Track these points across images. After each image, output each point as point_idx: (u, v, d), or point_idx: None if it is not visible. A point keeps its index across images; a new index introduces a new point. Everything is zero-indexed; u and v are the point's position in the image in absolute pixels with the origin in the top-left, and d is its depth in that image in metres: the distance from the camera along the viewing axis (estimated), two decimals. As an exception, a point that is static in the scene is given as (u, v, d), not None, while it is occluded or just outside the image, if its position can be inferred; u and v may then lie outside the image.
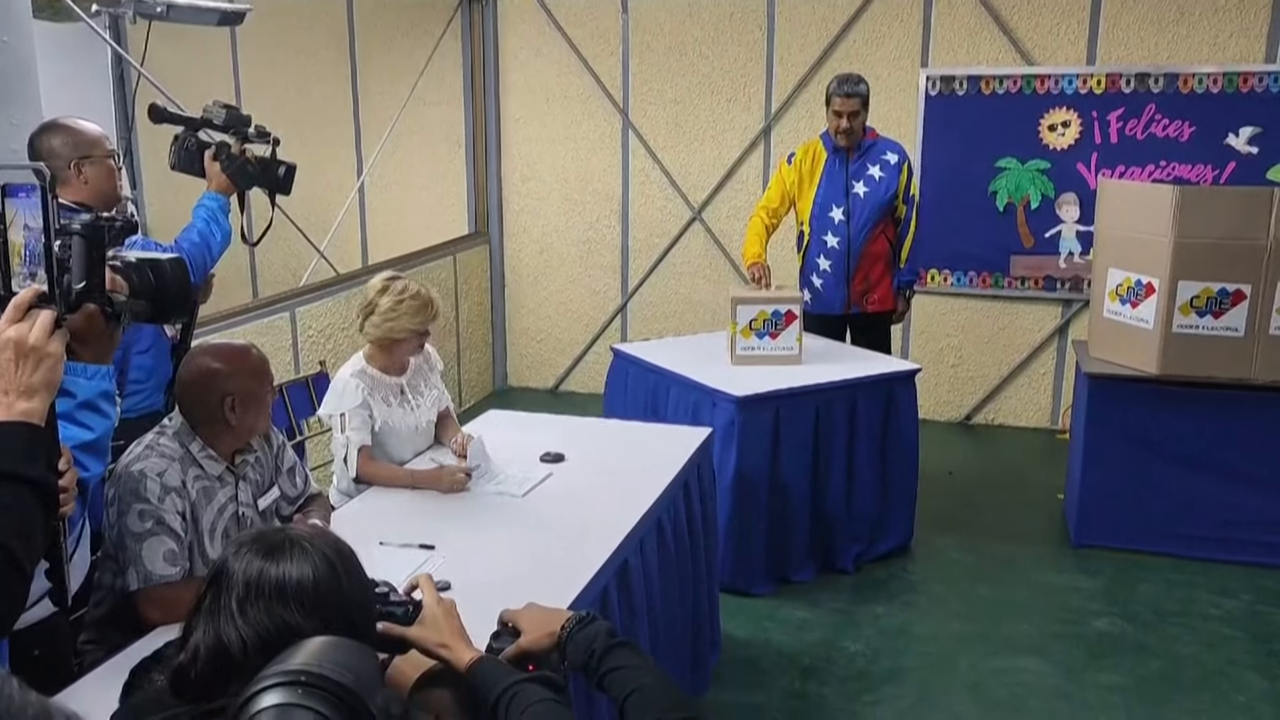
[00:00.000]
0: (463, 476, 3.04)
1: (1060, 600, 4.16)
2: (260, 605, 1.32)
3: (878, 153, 4.84)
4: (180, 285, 1.92)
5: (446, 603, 1.68)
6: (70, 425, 1.66)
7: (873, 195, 4.81)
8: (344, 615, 1.36)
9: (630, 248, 6.60)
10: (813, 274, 4.94)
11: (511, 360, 6.99)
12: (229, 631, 1.31)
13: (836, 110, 4.72)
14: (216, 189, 3.00)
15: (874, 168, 4.82)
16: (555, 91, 6.49)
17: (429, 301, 3.18)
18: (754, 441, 4.04)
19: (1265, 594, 4.16)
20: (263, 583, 1.34)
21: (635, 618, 2.81)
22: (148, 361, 3.04)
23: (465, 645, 1.62)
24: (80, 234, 1.51)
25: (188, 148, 3.00)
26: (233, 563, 1.37)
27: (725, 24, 6.12)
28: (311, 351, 4.99)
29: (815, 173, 4.85)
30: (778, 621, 3.99)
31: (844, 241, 4.82)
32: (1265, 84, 5.40)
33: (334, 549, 1.41)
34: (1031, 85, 5.70)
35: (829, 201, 4.83)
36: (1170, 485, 4.42)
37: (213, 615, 1.34)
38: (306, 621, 1.32)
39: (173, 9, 3.66)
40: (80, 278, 1.52)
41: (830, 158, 4.84)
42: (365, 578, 1.46)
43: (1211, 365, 4.28)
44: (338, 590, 1.38)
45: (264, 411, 2.50)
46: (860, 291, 4.89)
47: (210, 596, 1.36)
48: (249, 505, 2.51)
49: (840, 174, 4.83)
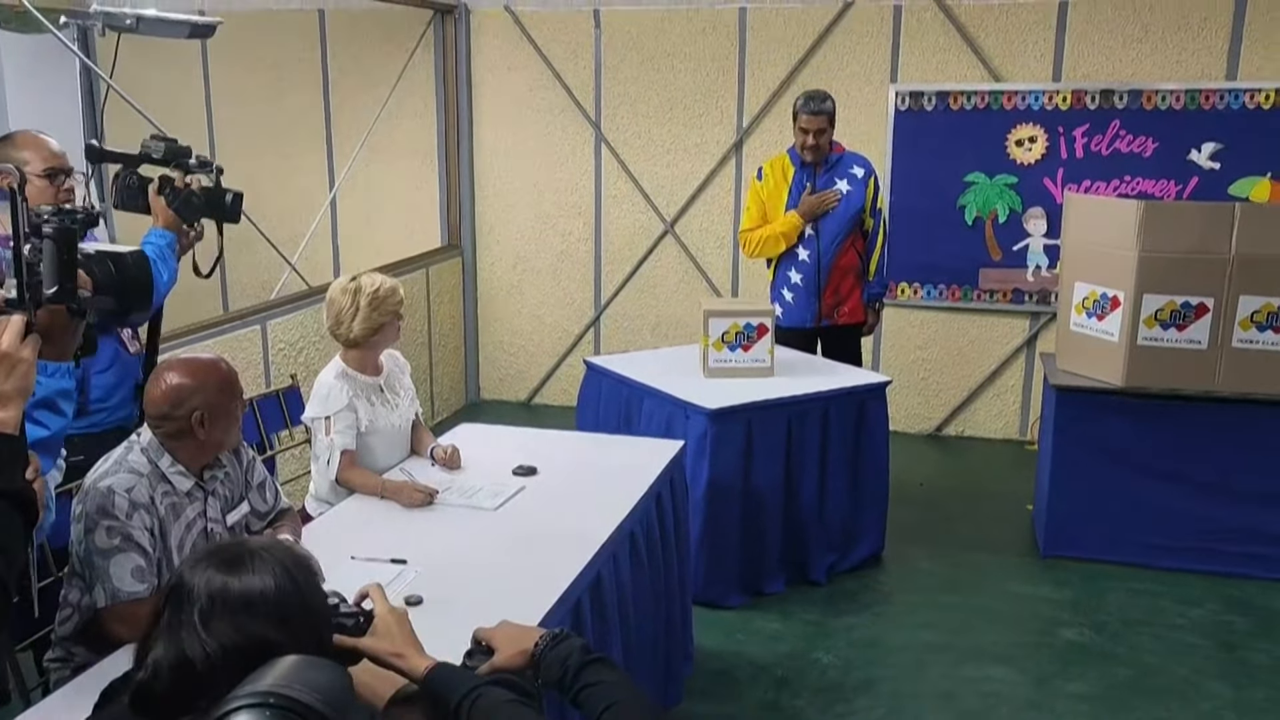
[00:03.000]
0: (422, 496, 3.04)
1: (1029, 610, 4.20)
2: (225, 618, 1.31)
3: (844, 167, 4.88)
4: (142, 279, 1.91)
5: (398, 611, 1.68)
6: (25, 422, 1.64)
7: (841, 209, 4.84)
8: (308, 625, 1.36)
9: (603, 260, 6.62)
10: (783, 288, 4.97)
11: (484, 373, 6.98)
12: (193, 646, 1.30)
13: (803, 127, 4.76)
14: (164, 225, 2.90)
15: (841, 181, 4.86)
16: (528, 104, 6.50)
17: (396, 285, 3.31)
18: (726, 454, 4.06)
19: (1230, 603, 4.22)
20: (227, 595, 1.33)
21: (608, 630, 2.82)
22: (109, 379, 2.99)
23: (419, 653, 1.62)
24: (51, 237, 1.50)
25: (129, 184, 2.90)
26: (191, 577, 1.35)
27: (697, 39, 6.16)
28: (282, 365, 4.97)
29: (784, 187, 4.88)
30: (750, 633, 4.00)
31: (814, 255, 4.86)
32: (1226, 101, 5.49)
33: (291, 558, 1.41)
34: (999, 101, 5.77)
35: None
36: (1137, 496, 4.47)
37: (173, 631, 1.32)
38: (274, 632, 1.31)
39: (142, 21, 3.64)
40: (52, 282, 1.50)
41: (798, 172, 4.88)
42: (321, 588, 1.46)
43: (1176, 377, 4.34)
44: (300, 599, 1.37)
45: (233, 426, 2.49)
46: (831, 304, 4.92)
47: (169, 612, 1.34)
48: (218, 521, 2.50)
49: (807, 189, 4.87)
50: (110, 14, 3.53)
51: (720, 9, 6.09)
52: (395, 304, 3.26)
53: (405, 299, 3.37)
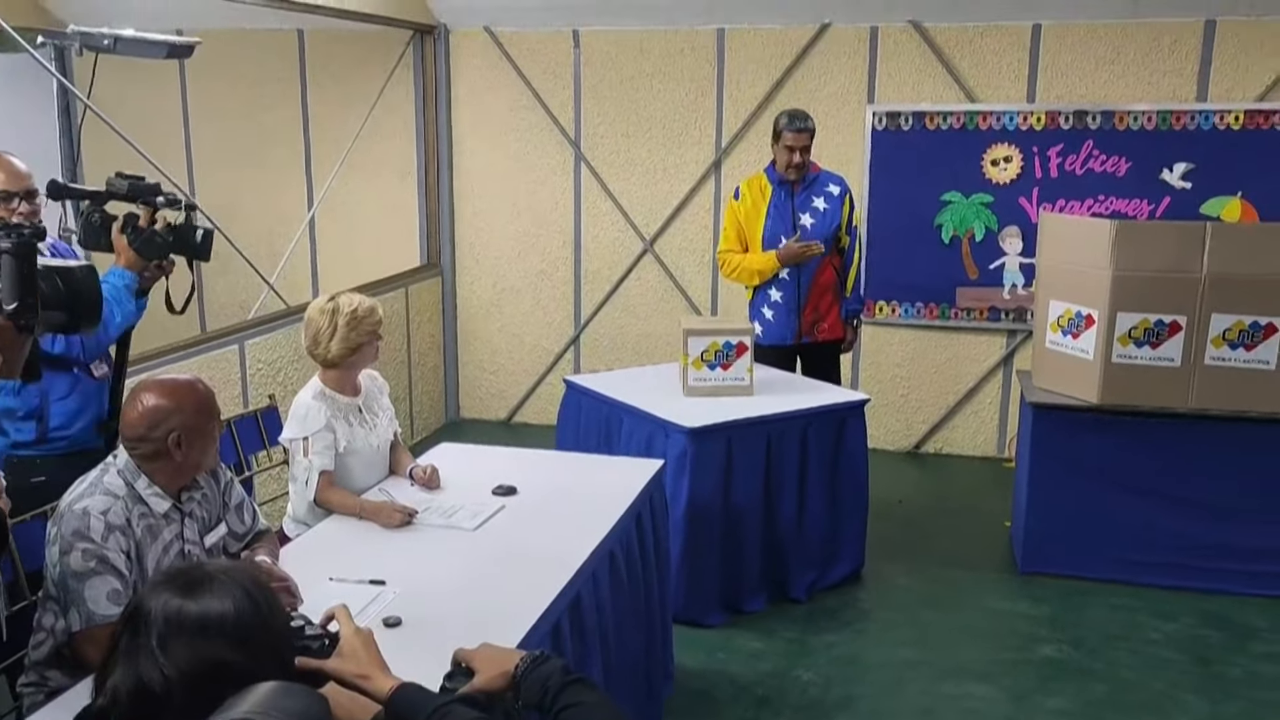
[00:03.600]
0: (402, 516, 3.03)
1: (1008, 626, 4.22)
2: (183, 642, 1.30)
3: (821, 185, 4.92)
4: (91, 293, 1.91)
5: (364, 633, 1.68)
6: None
7: (819, 226, 4.87)
8: (268, 647, 1.35)
9: (583, 279, 6.63)
10: (763, 306, 4.98)
11: (464, 392, 6.97)
12: (150, 671, 1.29)
13: (788, 145, 4.78)
14: (125, 264, 2.85)
15: (818, 199, 4.89)
16: (507, 124, 6.52)
17: (375, 305, 3.29)
18: (706, 472, 4.06)
19: (1206, 618, 4.25)
20: (184, 619, 1.32)
21: (588, 650, 2.81)
22: (70, 406, 2.96)
23: (384, 674, 1.61)
24: (11, 252, 1.49)
25: (92, 222, 2.84)
26: (150, 601, 1.34)
27: (676, 59, 6.20)
28: (260, 385, 4.95)
29: (762, 206, 4.89)
30: (731, 652, 4.00)
31: (794, 273, 4.87)
32: (1196, 122, 5.58)
33: (252, 580, 1.40)
34: (974, 121, 5.84)
35: (777, 234, 4.86)
36: (1113, 512, 4.51)
37: (131, 656, 1.31)
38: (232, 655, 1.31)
39: (120, 42, 3.63)
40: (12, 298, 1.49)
41: (776, 190, 4.89)
42: (283, 610, 1.46)
43: (1150, 394, 4.39)
44: (260, 622, 1.37)
45: (211, 447, 2.47)
46: (811, 321, 4.94)
47: (127, 637, 1.33)
48: (195, 543, 2.48)
49: (787, 206, 4.88)
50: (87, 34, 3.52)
51: (699, 29, 6.13)
52: (373, 324, 3.24)
53: (384, 318, 3.36)
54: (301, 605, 2.45)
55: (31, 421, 2.91)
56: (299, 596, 2.45)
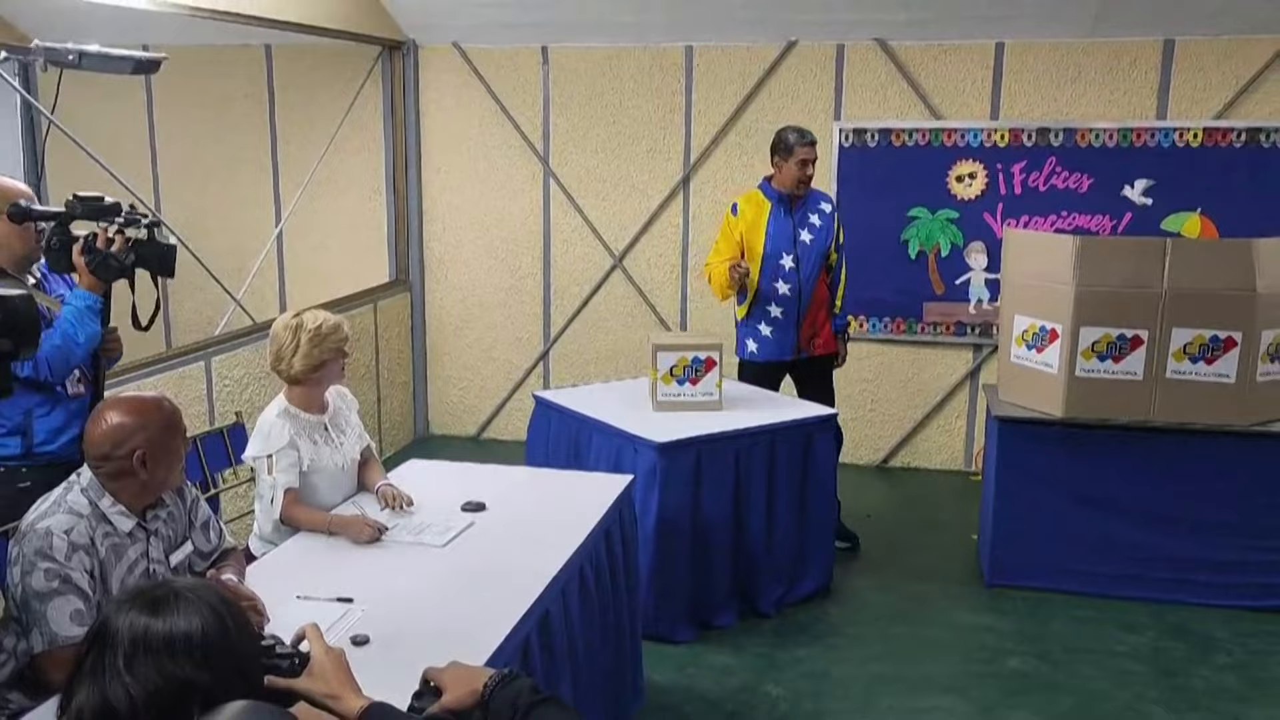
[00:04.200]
0: (371, 531, 3.02)
1: (975, 639, 4.25)
2: (149, 661, 1.29)
3: (814, 202, 4.97)
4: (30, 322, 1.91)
5: (334, 652, 1.67)
6: None
7: (816, 242, 4.92)
8: (235, 667, 1.34)
9: (552, 295, 6.64)
10: (760, 322, 4.95)
11: (433, 408, 6.95)
12: (116, 691, 1.28)
13: (802, 160, 4.79)
14: (86, 286, 2.84)
15: (814, 216, 4.94)
16: (476, 140, 6.53)
17: (341, 322, 3.27)
18: (675, 487, 4.07)
19: (1169, 629, 4.30)
20: (150, 638, 1.31)
21: (557, 667, 2.81)
22: (54, 422, 2.96)
23: (355, 694, 1.61)
24: None
25: (53, 245, 2.80)
26: (115, 620, 1.33)
27: (644, 75, 6.24)
28: (227, 402, 4.91)
29: (761, 221, 4.88)
30: (700, 667, 4.00)
31: (795, 288, 4.88)
32: (1157, 139, 5.68)
33: (219, 599, 1.40)
34: (939, 138, 5.91)
35: (779, 249, 4.86)
36: (1077, 524, 4.56)
37: (96, 676, 1.30)
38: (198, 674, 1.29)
39: (85, 57, 3.59)
40: None
41: (775, 207, 4.89)
42: (252, 628, 1.45)
43: (1113, 408, 4.45)
44: (227, 641, 1.36)
45: (176, 465, 2.45)
46: (808, 336, 4.97)
47: (93, 657, 1.32)
48: (160, 562, 2.46)
49: (787, 222, 4.89)
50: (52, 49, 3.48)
51: (666, 47, 6.17)
52: (338, 341, 3.22)
53: (353, 335, 3.35)
54: (269, 624, 2.43)
55: (16, 437, 2.92)
56: (266, 615, 2.43)
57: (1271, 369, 4.38)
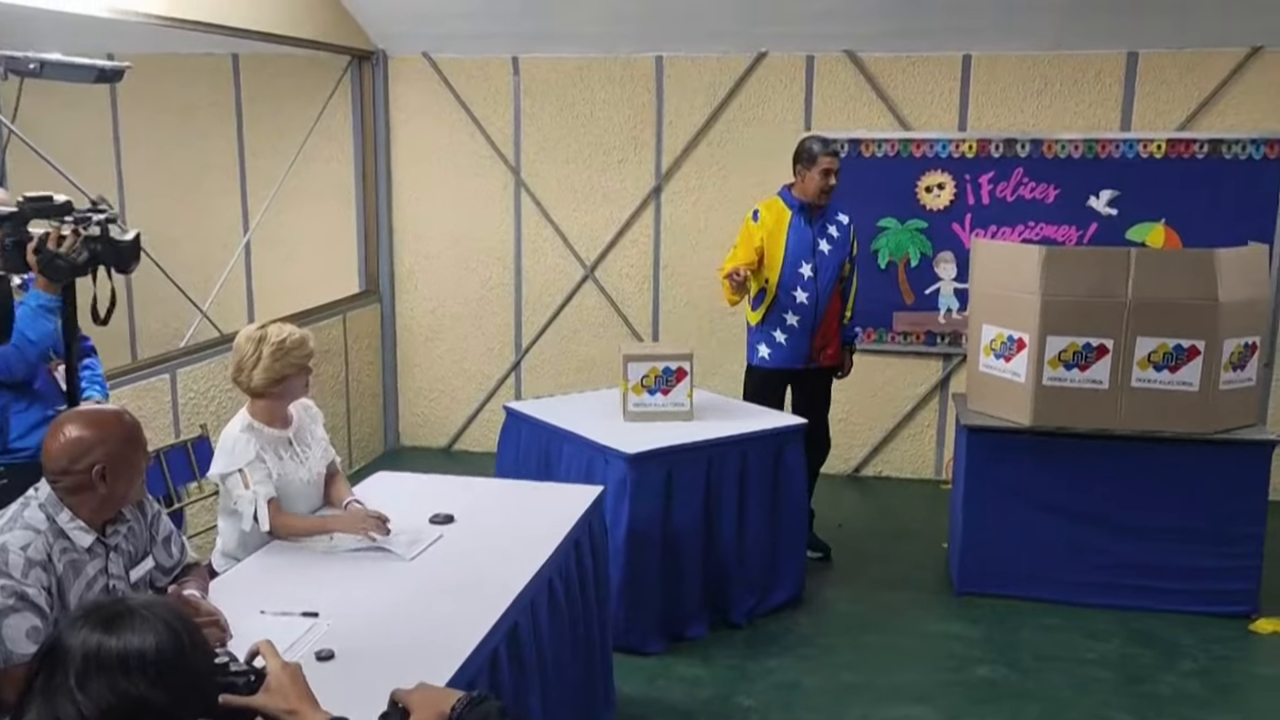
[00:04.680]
0: (375, 522, 3.03)
1: (945, 648, 4.27)
2: (101, 679, 1.27)
3: (832, 213, 4.96)
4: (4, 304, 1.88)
5: (291, 667, 1.65)
6: None
7: (834, 253, 4.92)
8: (190, 684, 1.32)
9: (524, 305, 6.62)
10: (776, 329, 4.91)
11: (404, 419, 6.91)
12: (67, 710, 1.25)
13: (825, 169, 4.78)
14: (40, 286, 2.83)
15: (832, 227, 4.94)
16: (447, 150, 6.51)
17: (305, 336, 3.22)
18: (646, 498, 4.06)
19: (1134, 636, 4.33)
20: (103, 655, 1.28)
21: (526, 680, 2.79)
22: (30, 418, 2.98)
23: (314, 710, 1.59)
24: None
25: (4, 246, 2.76)
26: (68, 637, 1.30)
27: (615, 86, 6.24)
28: (192, 415, 4.85)
29: (782, 229, 4.86)
30: (672, 679, 3.99)
31: (812, 297, 4.86)
32: (1121, 150, 5.74)
33: (175, 615, 1.37)
34: (908, 149, 5.95)
35: (799, 258, 4.84)
36: (1045, 532, 4.59)
37: (48, 695, 1.27)
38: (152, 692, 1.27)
39: (46, 66, 3.54)
40: None
41: (795, 216, 4.87)
42: (208, 646, 1.43)
43: (1079, 416, 4.48)
44: (182, 658, 1.33)
45: (137, 479, 2.41)
46: (819, 346, 4.95)
47: (44, 675, 1.29)
48: (121, 578, 2.42)
49: (807, 231, 4.87)
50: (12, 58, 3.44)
51: (637, 57, 6.18)
52: (301, 357, 3.17)
53: (323, 347, 3.33)
54: (231, 640, 2.40)
55: None
56: (228, 631, 2.40)
57: (1234, 377, 4.43)
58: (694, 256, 6.33)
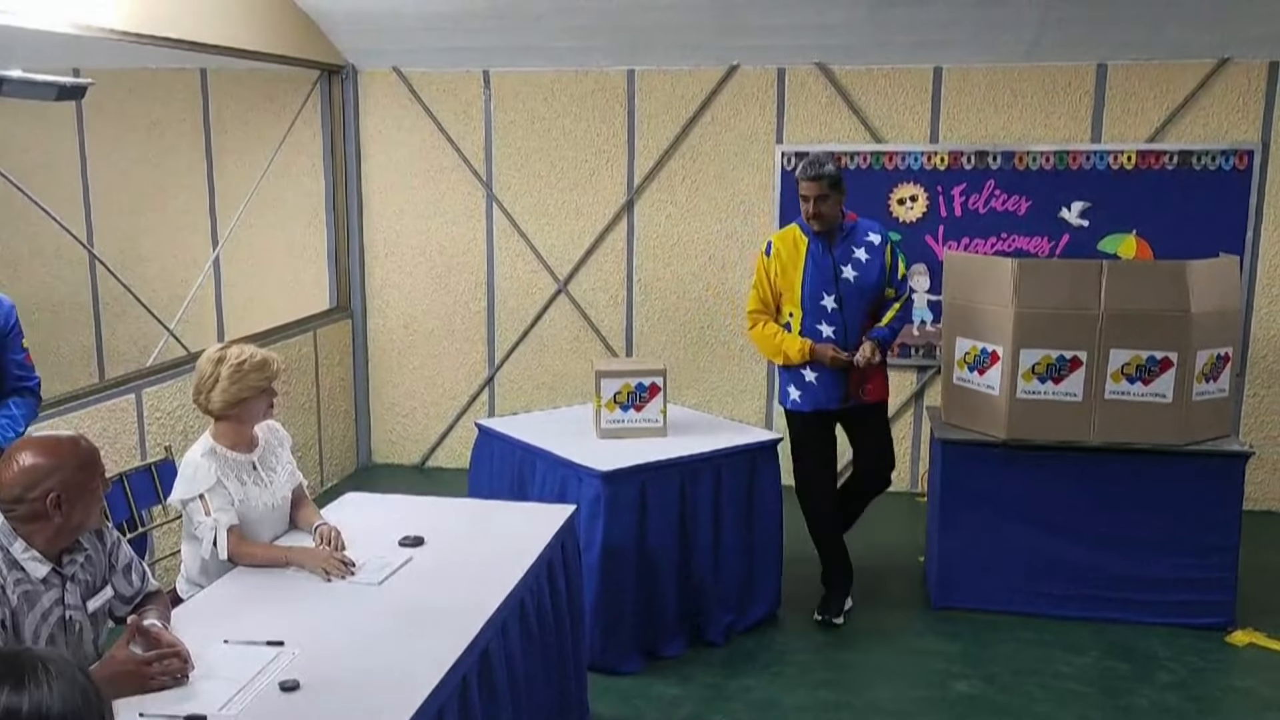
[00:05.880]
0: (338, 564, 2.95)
1: (922, 664, 4.24)
2: None
3: (860, 235, 4.45)
4: None
5: None
6: None
7: (863, 279, 4.40)
8: None
9: (496, 321, 6.57)
10: (804, 368, 4.46)
11: (376, 436, 6.83)
12: None
13: (803, 195, 4.33)
14: None
15: (859, 250, 4.42)
16: (418, 164, 6.46)
17: (267, 358, 3.15)
18: (620, 516, 4.02)
19: (1112, 650, 4.32)
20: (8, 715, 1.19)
21: (498, 706, 2.74)
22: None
23: None
24: None
25: None
26: None
27: (587, 100, 6.22)
28: (158, 435, 4.77)
29: (798, 260, 4.40)
30: (648, 699, 3.94)
31: (840, 330, 4.40)
32: (1092, 162, 5.77)
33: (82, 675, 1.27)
34: (880, 161, 5.95)
35: (819, 289, 4.39)
36: (1021, 545, 4.58)
37: None
38: None
39: (6, 83, 3.50)
40: None
41: (812, 243, 4.40)
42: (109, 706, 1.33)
43: (1053, 429, 4.48)
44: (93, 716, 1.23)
45: (94, 506, 2.35)
46: (857, 382, 4.46)
47: None
48: (77, 608, 2.35)
49: (826, 259, 4.39)
50: (-30, 75, 3.39)
51: (608, 71, 6.16)
52: (260, 379, 3.10)
53: (293, 364, 3.27)
54: (194, 671, 2.34)
55: None
56: (190, 663, 2.34)
57: (1207, 389, 4.44)
58: (667, 270, 6.31)
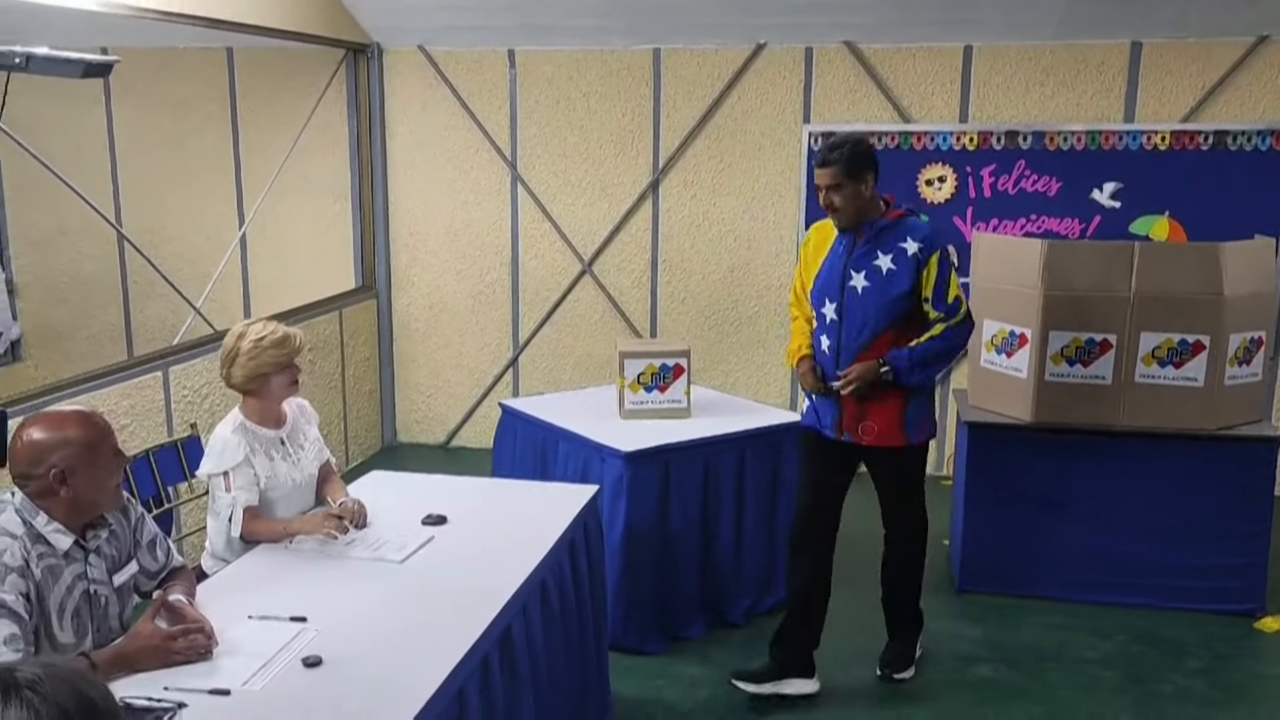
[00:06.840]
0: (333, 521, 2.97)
1: (946, 647, 4.21)
2: None
3: (895, 237, 3.58)
4: None
5: None
6: None
7: (875, 291, 3.56)
8: None
9: (521, 301, 6.57)
10: None
11: (401, 415, 6.86)
12: None
13: (817, 185, 3.61)
14: None
15: (885, 256, 3.56)
16: (443, 144, 6.45)
17: (288, 334, 3.15)
18: (643, 497, 4.01)
19: (1138, 634, 4.28)
20: None
21: (519, 685, 2.74)
22: None
23: None
24: None
25: None
26: None
27: (612, 79, 6.18)
28: (184, 413, 4.80)
29: (822, 251, 3.72)
30: (670, 679, 3.94)
31: (834, 346, 3.65)
32: (1125, 142, 5.68)
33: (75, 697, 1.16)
34: (909, 141, 5.88)
35: (822, 295, 3.69)
36: (1047, 529, 4.54)
37: None
38: None
39: (33, 60, 3.51)
40: None
41: (838, 239, 3.69)
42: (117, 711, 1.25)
43: (1082, 412, 4.43)
44: None
45: (107, 481, 2.34)
46: (853, 416, 3.66)
47: None
48: (102, 582, 2.37)
49: (840, 260, 3.65)
50: (-2, 53, 3.40)
51: (634, 50, 6.12)
52: (280, 355, 3.10)
53: (319, 343, 3.27)
54: (217, 648, 2.35)
55: None
56: (214, 639, 2.35)
57: (1239, 372, 4.38)
58: (692, 251, 6.28)
